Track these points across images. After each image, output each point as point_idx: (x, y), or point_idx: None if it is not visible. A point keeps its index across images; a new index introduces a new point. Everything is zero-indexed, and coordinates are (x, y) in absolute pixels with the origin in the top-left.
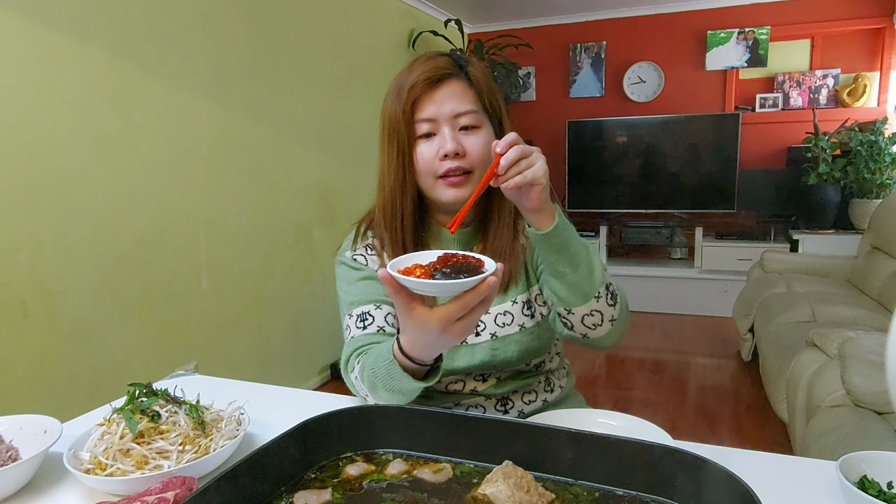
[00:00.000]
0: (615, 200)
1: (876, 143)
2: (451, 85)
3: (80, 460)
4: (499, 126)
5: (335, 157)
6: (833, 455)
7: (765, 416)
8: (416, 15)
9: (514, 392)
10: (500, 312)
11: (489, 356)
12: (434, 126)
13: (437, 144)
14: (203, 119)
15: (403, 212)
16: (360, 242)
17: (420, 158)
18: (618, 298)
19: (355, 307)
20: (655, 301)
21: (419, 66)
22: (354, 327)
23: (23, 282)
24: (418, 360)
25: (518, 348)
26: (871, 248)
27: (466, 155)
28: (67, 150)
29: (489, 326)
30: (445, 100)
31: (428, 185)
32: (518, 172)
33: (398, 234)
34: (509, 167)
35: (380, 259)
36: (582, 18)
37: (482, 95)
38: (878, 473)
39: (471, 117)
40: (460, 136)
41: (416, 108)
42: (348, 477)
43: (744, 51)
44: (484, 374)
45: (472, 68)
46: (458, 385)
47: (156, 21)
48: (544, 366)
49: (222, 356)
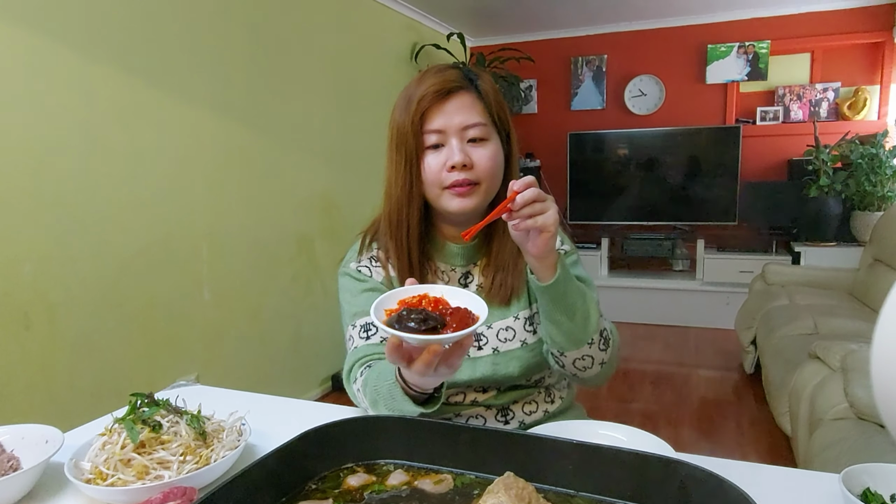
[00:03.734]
0: (616, 212)
1: (877, 156)
2: (460, 97)
3: (81, 470)
4: (506, 139)
5: (337, 168)
6: (836, 468)
7: (767, 428)
8: (419, 28)
9: (514, 402)
10: (503, 328)
11: (490, 370)
12: (442, 137)
13: (445, 156)
14: (206, 131)
15: (409, 222)
16: (365, 254)
17: (427, 169)
18: (610, 343)
19: (359, 318)
20: (657, 313)
21: (429, 77)
22: (357, 337)
23: (26, 293)
24: (417, 388)
25: (520, 364)
26: (872, 260)
27: (474, 167)
28: (71, 162)
29: (491, 341)
30: (454, 112)
31: (434, 195)
32: (530, 215)
33: (403, 243)
34: (524, 206)
35: (384, 270)
36: (583, 32)
37: (490, 108)
38: (881, 486)
39: (479, 130)
40: (468, 148)
41: (425, 119)
42: (349, 487)
43: (744, 64)
44: (484, 387)
45: (482, 81)
46: (458, 397)
47: (160, 35)
48: (544, 381)
49: (224, 367)
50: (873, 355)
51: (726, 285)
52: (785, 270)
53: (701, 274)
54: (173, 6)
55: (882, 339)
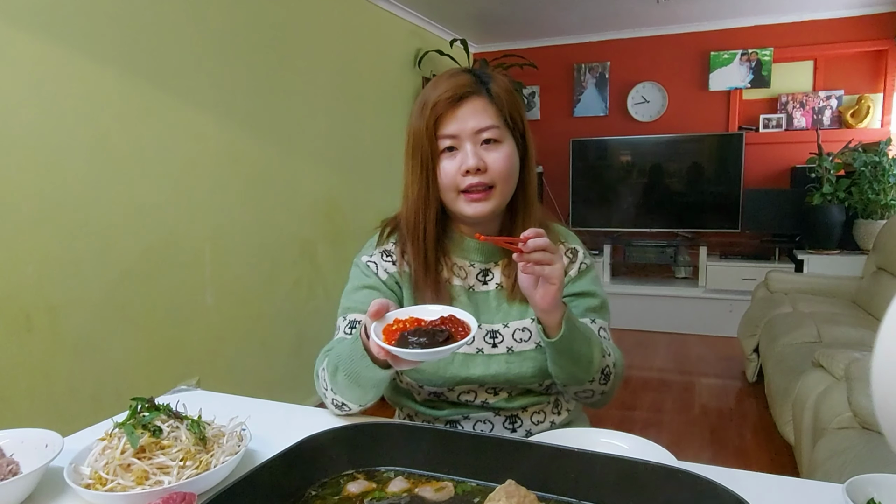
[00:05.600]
0: (619, 219)
1: (880, 164)
2: (472, 102)
3: (80, 475)
4: (521, 140)
5: (341, 173)
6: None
7: (770, 437)
8: (423, 35)
9: (523, 409)
10: (519, 328)
11: (504, 368)
12: (456, 142)
13: (460, 160)
14: (210, 135)
15: (426, 224)
16: (380, 247)
17: (443, 173)
18: (611, 377)
19: (350, 312)
20: (659, 320)
21: (442, 83)
22: (342, 330)
23: (28, 295)
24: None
25: (534, 365)
26: (876, 268)
27: (488, 170)
28: (75, 165)
29: (506, 340)
30: (467, 117)
31: (450, 199)
32: (538, 261)
33: (420, 244)
34: (534, 250)
35: (397, 266)
36: (586, 39)
37: (503, 111)
38: (886, 496)
39: (492, 132)
40: (482, 151)
41: (438, 124)
42: (349, 494)
43: (747, 72)
44: (496, 388)
45: (494, 84)
46: (469, 396)
47: (164, 38)
48: (554, 387)
49: (225, 371)
50: (874, 366)
51: (729, 293)
52: (788, 278)
53: (703, 281)
54: (178, 11)
55: (883, 351)
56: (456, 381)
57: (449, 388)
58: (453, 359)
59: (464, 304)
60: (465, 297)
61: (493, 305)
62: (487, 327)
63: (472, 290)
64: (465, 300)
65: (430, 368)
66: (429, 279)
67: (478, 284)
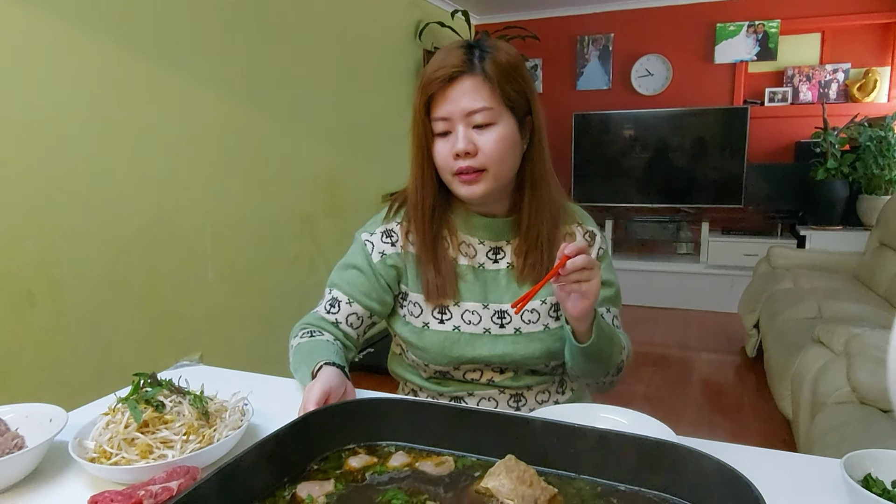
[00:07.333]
0: (621, 194)
1: (885, 139)
2: (463, 82)
3: (84, 449)
4: (526, 115)
5: (341, 147)
6: (837, 453)
7: (769, 412)
8: (423, 6)
9: (528, 388)
10: (528, 309)
11: (511, 348)
12: (449, 124)
13: (452, 143)
14: (209, 109)
15: (424, 202)
16: (384, 224)
17: (438, 155)
18: (622, 369)
19: (335, 289)
20: (660, 296)
21: (436, 60)
22: (323, 305)
23: (30, 270)
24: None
25: (541, 346)
26: (878, 244)
27: (479, 153)
28: (75, 140)
29: (514, 321)
30: (458, 98)
31: (447, 180)
32: (577, 281)
33: (420, 220)
34: (573, 271)
35: (401, 248)
36: (589, 10)
37: (499, 89)
38: (883, 472)
39: (484, 115)
40: (474, 134)
41: (431, 106)
42: (350, 468)
43: (753, 44)
44: (502, 367)
45: (490, 61)
46: (475, 374)
47: (163, 12)
48: (560, 368)
49: (227, 346)
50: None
51: (730, 268)
52: (790, 254)
53: (705, 256)
54: None
55: None
56: (462, 361)
57: (455, 367)
58: (459, 338)
59: (470, 283)
60: (471, 275)
61: (503, 284)
62: (495, 307)
63: (482, 268)
64: (471, 278)
65: (436, 348)
66: (430, 258)
67: (488, 262)
